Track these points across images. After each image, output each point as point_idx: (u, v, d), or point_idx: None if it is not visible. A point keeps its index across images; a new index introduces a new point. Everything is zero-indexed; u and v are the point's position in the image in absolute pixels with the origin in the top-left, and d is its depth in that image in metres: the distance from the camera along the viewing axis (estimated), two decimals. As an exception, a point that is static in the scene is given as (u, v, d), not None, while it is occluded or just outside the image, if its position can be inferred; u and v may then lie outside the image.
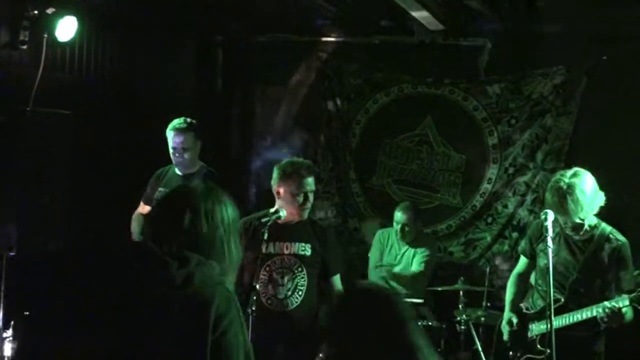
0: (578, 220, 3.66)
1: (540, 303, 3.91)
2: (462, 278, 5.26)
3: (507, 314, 4.05)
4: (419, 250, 5.50)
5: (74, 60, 5.15)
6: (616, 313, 3.55)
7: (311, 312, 3.84)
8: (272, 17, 6.26)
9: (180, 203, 2.12)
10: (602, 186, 4.70)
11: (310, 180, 3.73)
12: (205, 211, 2.11)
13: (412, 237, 5.52)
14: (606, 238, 3.69)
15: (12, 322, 4.10)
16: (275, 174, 3.77)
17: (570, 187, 3.60)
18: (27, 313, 2.16)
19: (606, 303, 3.59)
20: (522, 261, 4.10)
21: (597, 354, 3.80)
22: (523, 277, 4.10)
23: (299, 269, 3.73)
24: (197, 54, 6.53)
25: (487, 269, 5.48)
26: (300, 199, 3.70)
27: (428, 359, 2.00)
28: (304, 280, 3.73)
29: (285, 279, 3.72)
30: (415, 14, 5.34)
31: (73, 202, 4.93)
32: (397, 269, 5.50)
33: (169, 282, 1.97)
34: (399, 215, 5.49)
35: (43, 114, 4.47)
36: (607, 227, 3.72)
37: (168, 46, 6.03)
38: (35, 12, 4.59)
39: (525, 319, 3.98)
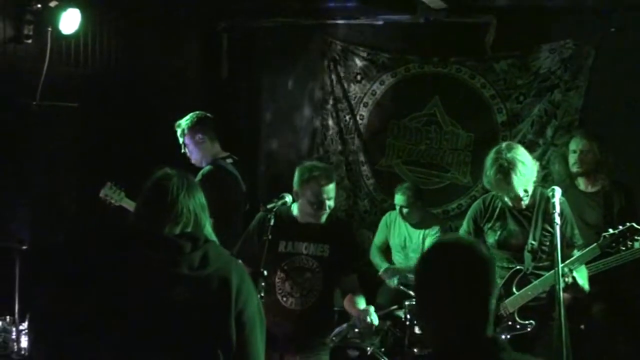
0: (522, 193, 3.69)
1: (498, 280, 3.84)
2: None
3: None
4: (430, 232, 5.48)
5: (79, 53, 5.15)
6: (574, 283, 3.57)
7: (327, 312, 3.86)
8: (276, 1, 6.23)
9: (163, 187, 2.28)
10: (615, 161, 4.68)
11: (328, 188, 3.60)
12: (185, 194, 2.27)
13: (416, 218, 5.50)
14: (547, 199, 3.63)
15: (27, 315, 4.13)
16: (295, 177, 3.68)
17: (511, 162, 3.64)
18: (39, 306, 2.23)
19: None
20: None
21: (554, 320, 3.54)
22: None
23: (317, 270, 3.69)
24: (202, 42, 6.51)
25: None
26: (316, 206, 3.62)
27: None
28: (321, 281, 3.69)
29: (302, 278, 3.68)
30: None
31: (83, 194, 4.96)
32: (411, 254, 5.50)
33: (187, 264, 2.07)
34: (396, 198, 5.49)
35: (50, 108, 4.48)
36: (543, 189, 3.70)
37: (172, 35, 6.01)
38: (39, 5, 4.60)
39: None
